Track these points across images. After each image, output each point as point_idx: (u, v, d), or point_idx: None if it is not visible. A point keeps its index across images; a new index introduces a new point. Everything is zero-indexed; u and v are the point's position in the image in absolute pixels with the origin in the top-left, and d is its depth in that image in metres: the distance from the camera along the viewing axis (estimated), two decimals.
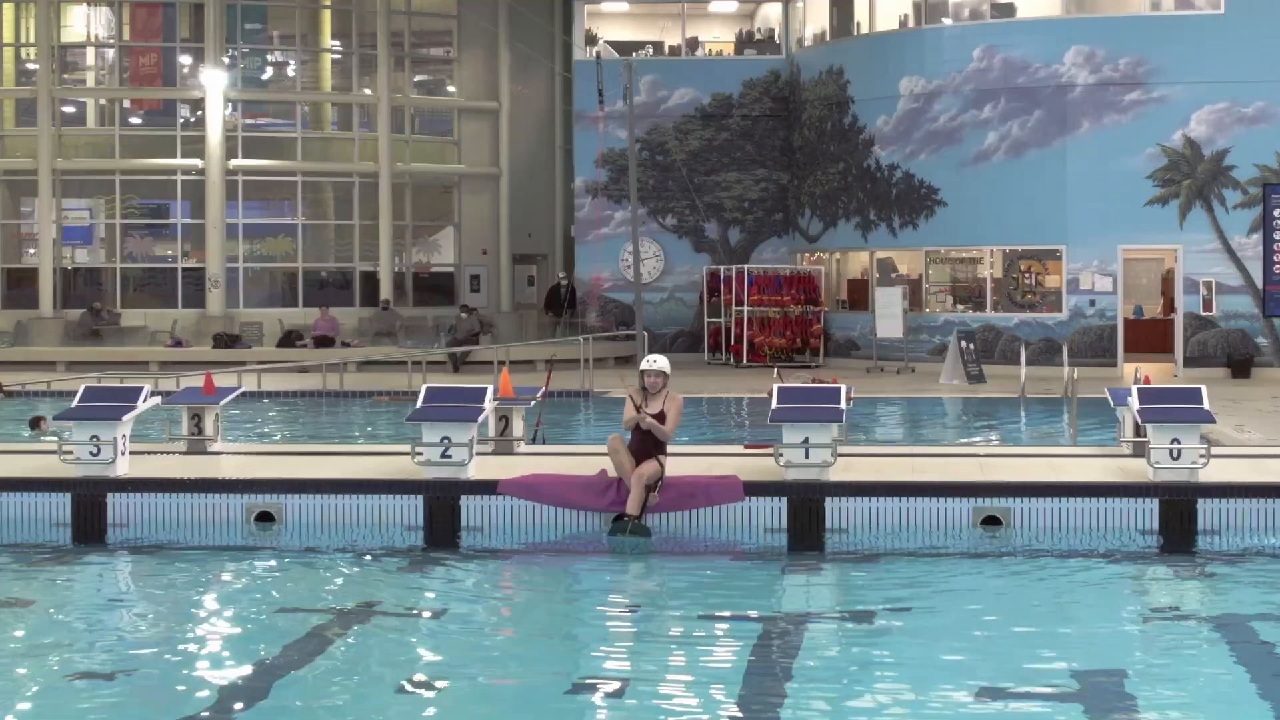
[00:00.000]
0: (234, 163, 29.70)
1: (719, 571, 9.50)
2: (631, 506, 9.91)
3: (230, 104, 29.81)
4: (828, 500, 9.95)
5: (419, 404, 10.45)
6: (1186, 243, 23.97)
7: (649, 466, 10.06)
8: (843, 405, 10.35)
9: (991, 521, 9.89)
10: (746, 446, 12.43)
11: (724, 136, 28.72)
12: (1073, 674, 7.00)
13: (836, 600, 8.95)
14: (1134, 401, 10.15)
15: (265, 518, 10.19)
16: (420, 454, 10.03)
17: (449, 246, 32.29)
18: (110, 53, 30.74)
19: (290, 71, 32.14)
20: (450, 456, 10.02)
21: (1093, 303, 24.24)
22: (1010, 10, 25.11)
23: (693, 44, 29.84)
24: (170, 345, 27.47)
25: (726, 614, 8.29)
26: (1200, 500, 9.73)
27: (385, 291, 29.94)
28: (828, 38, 27.61)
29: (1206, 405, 9.98)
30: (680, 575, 9.42)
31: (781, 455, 10.03)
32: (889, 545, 9.83)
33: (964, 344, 23.09)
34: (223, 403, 11.80)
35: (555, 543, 10.02)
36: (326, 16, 31.75)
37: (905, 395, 21.38)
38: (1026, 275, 24.88)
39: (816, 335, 26.91)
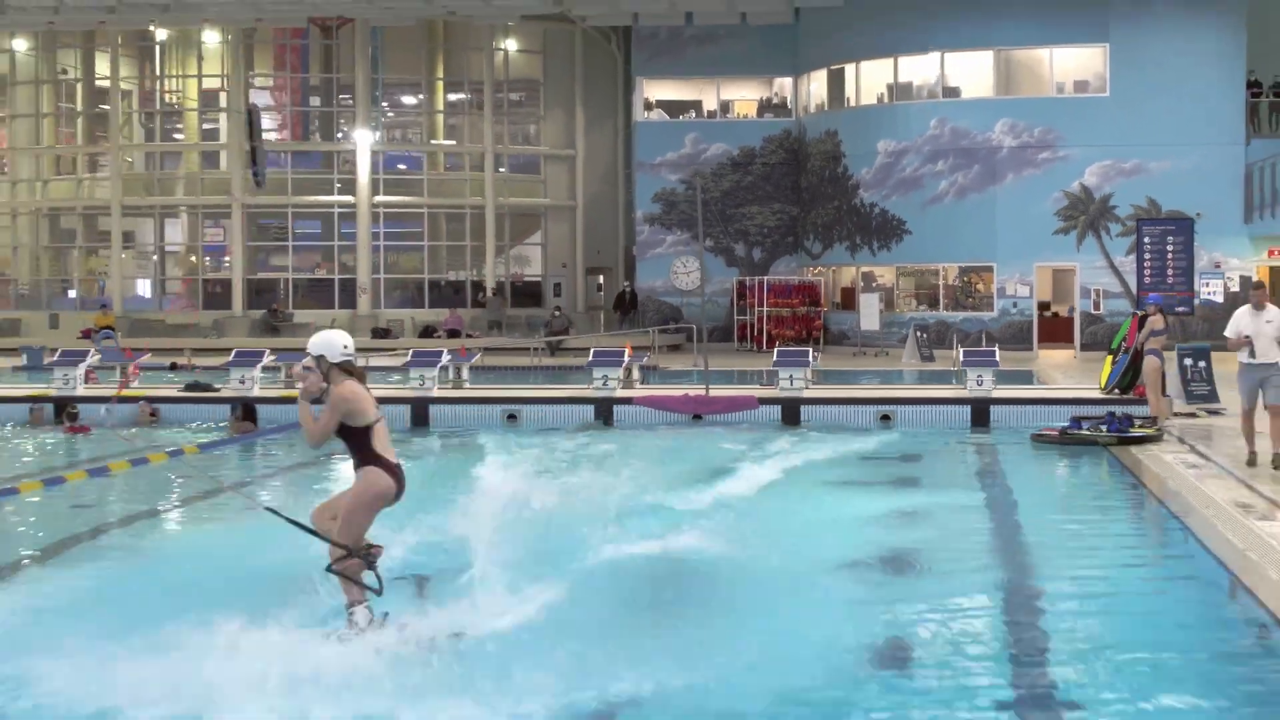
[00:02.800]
0: (377, 199, 39.07)
1: (751, 436, 18.50)
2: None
3: (374, 154, 39.17)
4: (803, 407, 19.28)
5: (591, 358, 19.89)
6: (1082, 261, 32.48)
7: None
8: (810, 360, 19.68)
9: (885, 418, 19.20)
10: (761, 386, 21.77)
11: (749, 179, 37.41)
12: (912, 454, 16.34)
13: (804, 448, 18.23)
14: (960, 356, 19.48)
15: (511, 418, 19.57)
16: (595, 383, 19.45)
17: (537, 261, 41.35)
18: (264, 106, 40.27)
19: (415, 127, 41.40)
20: (608, 385, 19.43)
21: (1015, 304, 33.16)
22: (957, 92, 33.78)
23: (725, 107, 38.78)
24: None
25: (752, 445, 17.57)
26: (992, 406, 19.03)
27: (490, 289, 39.10)
28: (826, 107, 36.08)
29: (996, 359, 19.29)
30: (735, 436, 18.48)
31: (777, 384, 19.36)
32: (832, 427, 19.12)
33: (919, 334, 32.05)
34: (471, 361, 21.23)
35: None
36: (439, 86, 41.00)
37: (877, 369, 30.11)
38: (967, 284, 33.90)
39: (817, 329, 35.42)
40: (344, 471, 11.29)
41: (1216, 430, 16.91)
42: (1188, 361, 19.77)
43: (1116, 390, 19.32)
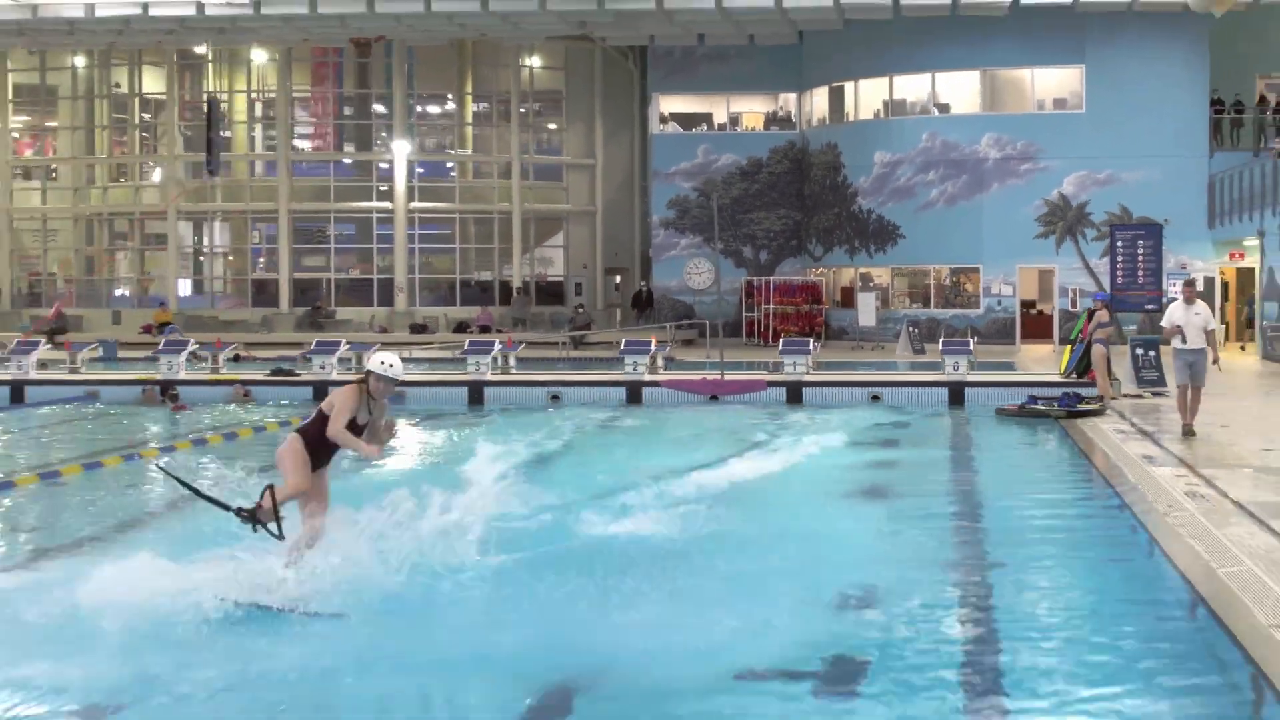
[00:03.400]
0: (412, 205, 42.21)
1: (761, 411, 21.62)
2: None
3: (410, 163, 42.29)
4: (804, 389, 22.46)
5: (622, 347, 23.06)
6: (1061, 264, 35.62)
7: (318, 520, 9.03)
8: (810, 349, 22.84)
9: (875, 398, 22.36)
10: (769, 371, 24.93)
11: (756, 187, 40.32)
12: (897, 424, 19.53)
13: (809, 420, 21.31)
14: (940, 346, 22.63)
15: (555, 398, 22.73)
16: (627, 369, 22.65)
17: (560, 262, 44.44)
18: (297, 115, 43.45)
19: (447, 138, 44.54)
20: (638, 370, 22.62)
21: (999, 302, 36.32)
22: (947, 109, 36.88)
23: (734, 120, 41.71)
24: (379, 332, 40.03)
25: (763, 418, 20.70)
26: (966, 389, 22.20)
27: (516, 288, 42.26)
28: (827, 121, 39.10)
29: (970, 348, 22.45)
30: (752, 411, 21.49)
31: (782, 369, 22.54)
32: (829, 406, 22.27)
33: (912, 329, 35.12)
34: (517, 351, 24.41)
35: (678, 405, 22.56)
36: (468, 100, 44.12)
37: (873, 360, 33.29)
38: (956, 284, 36.99)
39: (819, 325, 38.21)
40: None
41: (1157, 408, 20.04)
42: (1139, 351, 22.94)
43: (1074, 375, 22.47)
